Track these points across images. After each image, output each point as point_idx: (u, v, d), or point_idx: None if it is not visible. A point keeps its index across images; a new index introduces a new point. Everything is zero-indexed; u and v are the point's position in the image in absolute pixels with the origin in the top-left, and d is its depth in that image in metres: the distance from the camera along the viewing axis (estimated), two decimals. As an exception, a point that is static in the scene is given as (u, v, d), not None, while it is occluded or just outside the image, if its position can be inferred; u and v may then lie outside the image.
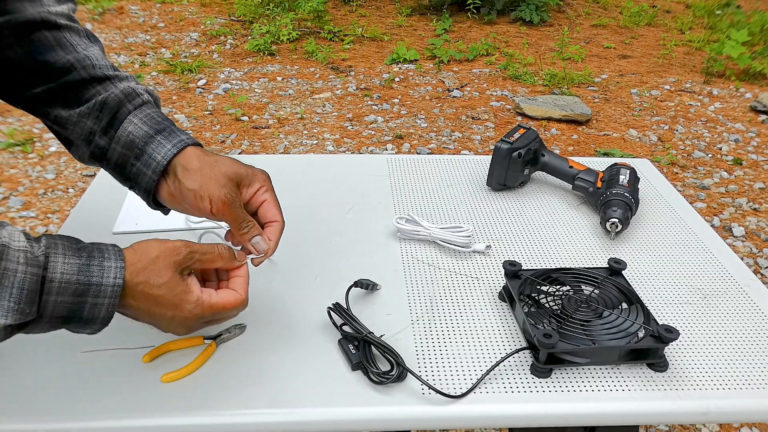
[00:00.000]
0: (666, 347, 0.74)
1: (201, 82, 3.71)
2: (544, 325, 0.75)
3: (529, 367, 0.74)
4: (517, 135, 1.09)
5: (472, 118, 3.39)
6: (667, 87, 3.89)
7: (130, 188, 0.75)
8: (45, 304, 0.56)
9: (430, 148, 3.04)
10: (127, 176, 0.73)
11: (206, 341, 0.75)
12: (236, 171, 0.71)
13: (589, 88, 3.83)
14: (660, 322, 0.77)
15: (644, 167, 1.22)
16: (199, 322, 0.66)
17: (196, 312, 0.64)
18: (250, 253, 0.72)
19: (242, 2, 4.94)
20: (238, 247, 0.72)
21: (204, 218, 0.75)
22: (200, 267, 0.67)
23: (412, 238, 0.98)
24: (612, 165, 1.10)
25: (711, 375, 0.74)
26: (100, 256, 0.59)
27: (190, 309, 0.63)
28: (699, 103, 3.68)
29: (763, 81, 4.00)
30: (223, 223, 0.72)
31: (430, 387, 0.69)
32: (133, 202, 0.98)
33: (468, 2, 4.85)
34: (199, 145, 0.73)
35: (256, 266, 0.73)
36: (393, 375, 0.69)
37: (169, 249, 0.63)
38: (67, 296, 0.57)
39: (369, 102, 3.54)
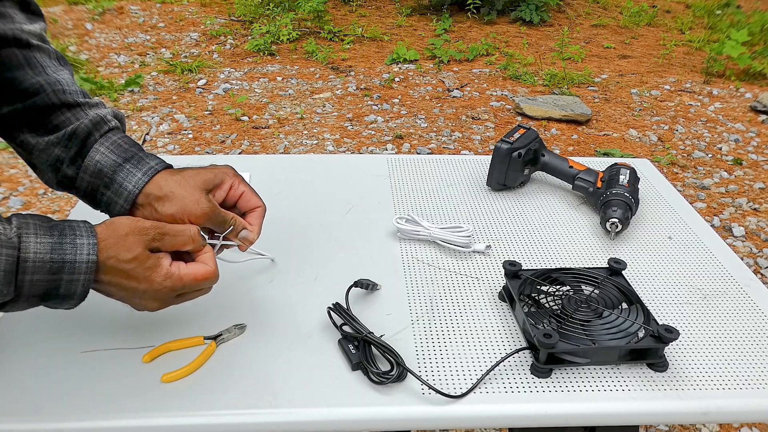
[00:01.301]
0: (666, 347, 0.74)
1: (201, 82, 3.71)
2: (544, 325, 0.75)
3: (529, 367, 0.74)
4: (517, 135, 1.09)
5: (472, 118, 3.39)
6: (667, 87, 3.89)
7: (103, 212, 0.75)
8: (21, 284, 0.57)
9: (430, 148, 3.04)
10: (98, 203, 0.74)
11: (206, 341, 0.75)
12: (204, 179, 0.72)
13: (589, 88, 3.83)
14: (660, 322, 0.77)
15: (644, 167, 1.22)
16: (171, 296, 0.67)
17: (167, 284, 0.65)
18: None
19: (242, 2, 4.94)
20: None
21: None
22: (170, 248, 0.67)
23: (412, 238, 0.98)
24: (612, 165, 1.10)
25: (711, 375, 0.74)
26: (72, 233, 0.60)
27: (161, 281, 0.64)
28: (699, 103, 3.68)
29: (763, 81, 4.00)
30: None
31: (430, 387, 0.69)
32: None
33: (468, 2, 4.85)
34: (169, 166, 0.73)
35: (243, 251, 0.75)
36: (393, 375, 0.69)
37: (138, 228, 0.64)
38: (42, 275, 0.58)
39: (369, 102, 3.54)
